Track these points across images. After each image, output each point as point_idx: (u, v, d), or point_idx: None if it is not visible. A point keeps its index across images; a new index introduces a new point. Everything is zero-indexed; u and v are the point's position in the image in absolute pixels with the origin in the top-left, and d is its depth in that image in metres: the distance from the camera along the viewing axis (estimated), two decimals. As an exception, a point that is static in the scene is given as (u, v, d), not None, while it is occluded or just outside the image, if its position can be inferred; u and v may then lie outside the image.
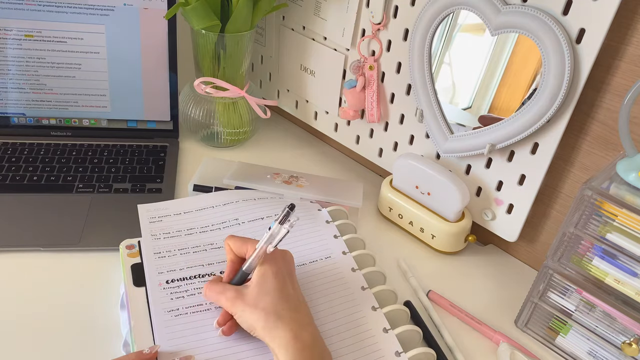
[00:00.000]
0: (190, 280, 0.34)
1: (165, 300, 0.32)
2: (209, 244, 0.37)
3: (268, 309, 0.28)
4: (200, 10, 0.45)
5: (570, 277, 0.33)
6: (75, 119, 0.51)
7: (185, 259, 0.35)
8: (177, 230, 0.38)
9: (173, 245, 0.36)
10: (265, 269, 0.30)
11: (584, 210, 0.31)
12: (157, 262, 0.35)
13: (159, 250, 0.36)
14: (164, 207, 0.40)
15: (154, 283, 0.33)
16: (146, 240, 0.37)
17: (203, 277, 0.34)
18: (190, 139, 0.54)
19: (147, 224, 0.38)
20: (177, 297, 0.33)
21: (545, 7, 0.33)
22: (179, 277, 0.34)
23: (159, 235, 0.37)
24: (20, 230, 0.39)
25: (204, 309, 0.32)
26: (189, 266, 0.35)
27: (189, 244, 0.37)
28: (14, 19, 0.46)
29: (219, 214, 0.39)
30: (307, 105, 0.54)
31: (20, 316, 0.34)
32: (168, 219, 0.39)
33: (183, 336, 0.30)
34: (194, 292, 0.33)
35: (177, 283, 0.33)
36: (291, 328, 0.27)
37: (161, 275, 0.34)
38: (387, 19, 0.43)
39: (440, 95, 0.41)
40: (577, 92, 0.34)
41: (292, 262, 0.32)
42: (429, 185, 0.42)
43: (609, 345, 0.32)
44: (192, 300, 0.32)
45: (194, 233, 0.38)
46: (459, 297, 0.39)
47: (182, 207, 0.40)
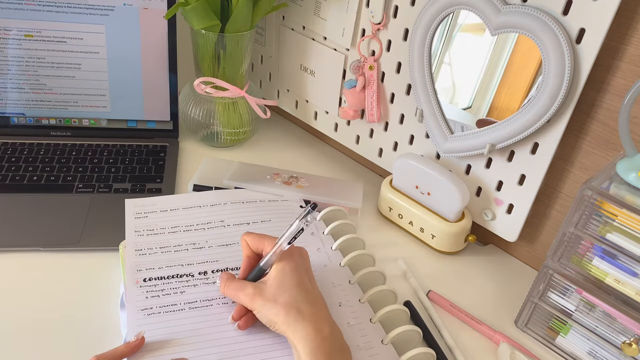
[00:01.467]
0: (167, 279, 0.34)
1: (140, 298, 0.32)
2: (192, 244, 0.37)
3: (288, 304, 0.29)
4: (200, 10, 0.45)
5: (570, 277, 0.33)
6: (75, 119, 0.51)
7: (166, 257, 0.35)
8: (161, 228, 0.38)
9: (155, 242, 0.36)
10: (283, 265, 0.30)
11: (584, 210, 0.31)
12: (137, 260, 0.35)
13: (140, 247, 0.36)
14: (151, 202, 0.40)
15: (131, 280, 0.33)
16: (129, 236, 0.37)
17: (181, 277, 0.34)
18: (190, 139, 0.54)
19: (132, 220, 0.38)
20: (153, 295, 0.33)
21: (545, 7, 0.33)
22: (157, 275, 0.34)
23: (142, 232, 0.37)
24: (20, 230, 0.39)
25: (178, 309, 0.32)
26: (168, 265, 0.35)
27: (171, 243, 0.37)
28: (14, 19, 0.46)
29: (205, 215, 0.39)
30: (307, 105, 0.54)
31: (20, 316, 0.34)
32: (154, 215, 0.39)
33: (154, 335, 0.30)
34: (170, 291, 0.33)
35: (154, 282, 0.33)
36: (311, 321, 0.28)
37: (139, 272, 0.34)
38: (387, 18, 0.43)
39: (440, 95, 0.41)
40: (577, 92, 0.34)
41: (308, 258, 0.33)
42: (429, 185, 0.42)
43: (609, 345, 0.32)
44: (166, 299, 0.32)
45: (178, 232, 0.38)
46: (458, 297, 0.39)
47: (169, 204, 0.40)
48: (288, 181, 0.46)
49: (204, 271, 0.35)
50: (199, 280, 0.34)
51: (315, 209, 0.30)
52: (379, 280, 0.37)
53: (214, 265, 0.35)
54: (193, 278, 0.34)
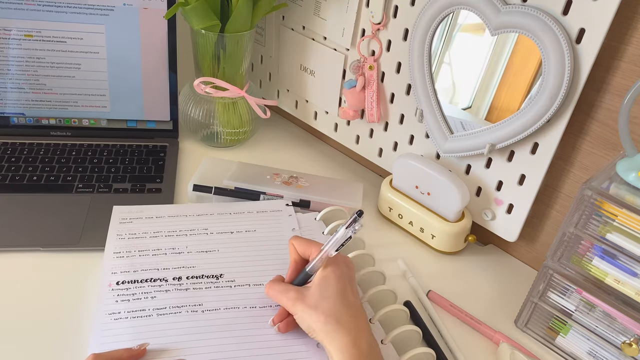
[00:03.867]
0: (140, 283, 0.33)
1: (110, 302, 0.32)
2: (171, 248, 0.36)
3: (328, 312, 0.28)
4: (200, 10, 0.45)
5: (570, 277, 0.33)
6: (75, 119, 0.51)
7: (142, 260, 0.35)
8: (143, 232, 0.37)
9: (134, 246, 0.36)
10: (328, 272, 0.30)
11: (583, 210, 0.31)
12: (113, 262, 0.35)
13: (118, 250, 0.36)
14: (138, 210, 0.40)
15: (104, 283, 0.33)
16: (110, 240, 0.37)
17: (154, 281, 0.34)
18: (190, 139, 0.54)
19: (117, 224, 0.38)
20: (123, 299, 0.32)
21: (545, 7, 0.33)
22: (130, 279, 0.34)
23: (123, 235, 0.37)
24: (20, 231, 0.39)
25: (146, 315, 0.31)
26: (144, 269, 0.34)
27: (150, 247, 0.36)
28: (14, 19, 0.46)
29: (189, 223, 0.39)
30: (307, 105, 0.54)
31: (20, 317, 0.34)
32: (139, 221, 0.39)
33: (117, 341, 0.30)
34: (141, 296, 0.32)
35: (126, 285, 0.33)
36: (350, 333, 0.28)
37: (114, 275, 0.34)
38: (387, 18, 0.43)
39: (440, 95, 0.41)
40: (577, 92, 0.34)
41: (354, 269, 0.33)
42: (429, 185, 0.42)
43: (609, 346, 0.32)
44: (136, 304, 0.32)
45: (159, 236, 0.37)
46: (458, 297, 0.38)
47: (156, 212, 0.40)
48: (288, 181, 0.46)
49: (178, 276, 0.34)
50: (172, 286, 0.33)
51: (362, 216, 0.30)
52: (378, 280, 0.37)
53: (189, 271, 0.35)
54: (166, 283, 0.34)
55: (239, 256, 0.36)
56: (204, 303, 0.32)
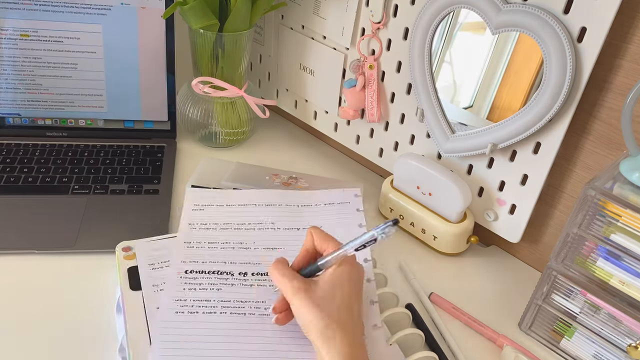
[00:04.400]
0: (207, 274, 0.34)
1: (179, 289, 0.33)
2: (239, 243, 0.37)
3: (331, 315, 0.27)
4: (198, 10, 0.44)
5: (575, 278, 0.32)
6: (72, 119, 0.51)
7: (211, 252, 0.36)
8: (214, 223, 0.38)
9: (205, 237, 0.37)
10: (341, 272, 0.29)
11: (587, 211, 0.31)
12: (185, 252, 0.36)
13: (189, 240, 0.37)
14: (211, 195, 0.41)
15: (174, 271, 0.34)
16: (183, 229, 0.37)
17: (221, 274, 0.35)
18: (188, 139, 0.53)
19: (189, 212, 0.39)
20: (190, 288, 0.33)
21: (546, 5, 0.33)
22: (199, 269, 0.34)
23: (195, 225, 0.38)
24: (15, 233, 0.39)
25: (210, 306, 0.32)
26: (212, 261, 0.35)
27: (220, 239, 0.37)
28: (10, 19, 0.46)
29: (258, 214, 0.40)
30: (306, 105, 0.54)
31: (15, 321, 0.33)
32: (210, 209, 0.39)
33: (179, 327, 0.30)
34: (207, 286, 0.33)
35: (194, 275, 0.34)
36: (349, 343, 0.27)
37: (184, 264, 0.35)
38: (387, 17, 0.42)
39: (441, 94, 0.41)
40: (579, 91, 0.34)
41: (363, 278, 0.31)
42: (430, 186, 0.42)
43: (615, 348, 0.32)
44: (202, 294, 0.33)
45: (229, 229, 0.38)
46: (461, 299, 0.38)
47: (227, 200, 0.41)
48: (287, 182, 0.45)
49: (244, 272, 0.35)
50: (238, 281, 0.34)
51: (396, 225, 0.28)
52: (380, 283, 0.36)
53: (255, 267, 0.35)
54: (232, 277, 0.34)
55: None
56: (267, 301, 0.33)
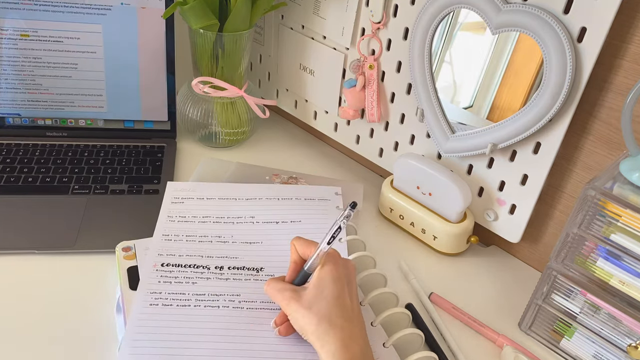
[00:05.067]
0: (183, 268, 0.34)
1: (153, 282, 0.33)
2: (217, 236, 0.37)
3: (321, 314, 0.28)
4: (198, 10, 0.44)
5: (574, 278, 0.32)
6: (72, 119, 0.51)
7: (188, 246, 0.36)
8: (192, 216, 0.38)
9: (183, 230, 0.37)
10: (325, 273, 0.30)
11: (587, 211, 0.31)
12: (162, 244, 0.36)
13: (167, 233, 0.37)
14: (191, 188, 0.41)
15: (149, 263, 0.34)
16: (161, 221, 0.37)
17: (197, 267, 0.34)
18: (188, 139, 0.53)
19: (168, 204, 0.39)
20: (165, 281, 0.33)
21: (546, 5, 0.33)
22: (175, 262, 0.34)
23: (174, 217, 0.38)
24: (15, 233, 0.39)
25: (185, 299, 0.32)
26: (189, 254, 0.35)
27: (198, 232, 0.37)
28: (10, 19, 0.46)
29: (237, 208, 0.40)
30: (306, 105, 0.54)
31: (15, 321, 0.33)
32: (190, 202, 0.39)
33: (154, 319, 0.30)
34: (182, 280, 0.33)
35: (170, 268, 0.34)
36: (342, 338, 0.27)
37: (160, 257, 0.35)
38: (387, 17, 0.42)
39: (441, 94, 0.41)
40: (579, 91, 0.34)
41: (354, 271, 0.32)
42: (431, 186, 0.42)
43: (615, 348, 0.32)
44: (177, 287, 0.33)
45: (207, 222, 0.38)
46: (461, 299, 0.38)
47: (207, 192, 0.40)
48: (287, 182, 0.45)
49: (220, 266, 0.35)
50: (213, 274, 0.34)
51: (355, 208, 0.29)
52: (380, 283, 0.36)
53: (232, 261, 0.35)
54: (208, 271, 0.34)
55: (281, 250, 0.36)
56: (242, 294, 0.33)
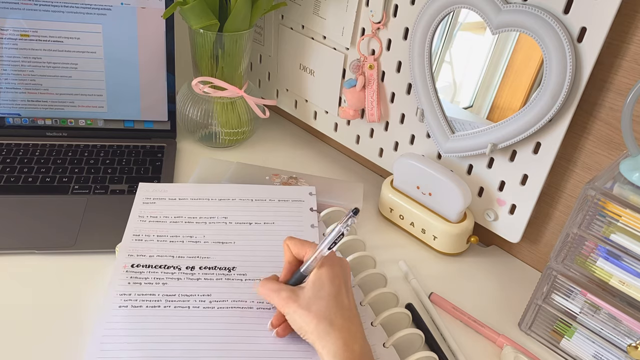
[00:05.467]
0: (154, 268, 0.34)
1: (123, 283, 0.32)
2: (188, 236, 0.37)
3: (321, 314, 0.28)
4: (198, 9, 0.44)
5: (574, 278, 0.32)
6: (71, 119, 0.51)
7: (159, 246, 0.35)
8: (164, 216, 0.38)
9: (154, 230, 0.36)
10: (322, 273, 0.30)
11: (587, 211, 0.31)
12: (132, 245, 0.35)
13: (138, 233, 0.36)
14: (163, 189, 0.40)
15: (119, 264, 0.34)
16: (131, 221, 0.37)
17: (168, 268, 0.34)
18: (188, 139, 0.53)
19: (140, 205, 0.39)
20: (135, 282, 0.33)
21: (546, 5, 0.33)
22: (145, 263, 0.34)
23: (145, 217, 0.37)
24: (15, 233, 0.39)
25: (154, 300, 0.32)
26: (159, 254, 0.35)
27: (169, 232, 0.37)
28: (10, 19, 0.46)
29: (210, 208, 0.39)
30: (306, 105, 0.54)
31: (15, 320, 0.33)
32: (162, 202, 0.39)
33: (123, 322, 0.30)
34: (152, 281, 0.33)
35: (140, 269, 0.34)
36: (343, 336, 0.27)
37: (130, 257, 0.34)
38: (386, 17, 0.42)
39: (441, 94, 0.41)
40: (579, 91, 0.34)
41: (349, 271, 0.32)
42: (430, 186, 0.42)
43: (615, 348, 0.32)
44: (147, 288, 0.32)
45: (179, 222, 0.38)
46: (461, 299, 0.38)
47: (179, 193, 0.40)
48: (287, 182, 0.45)
49: (191, 266, 0.34)
50: (184, 275, 0.34)
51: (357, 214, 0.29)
52: (380, 283, 0.36)
53: (203, 261, 0.35)
54: (179, 271, 0.34)
55: (254, 250, 0.36)
56: (213, 294, 0.33)
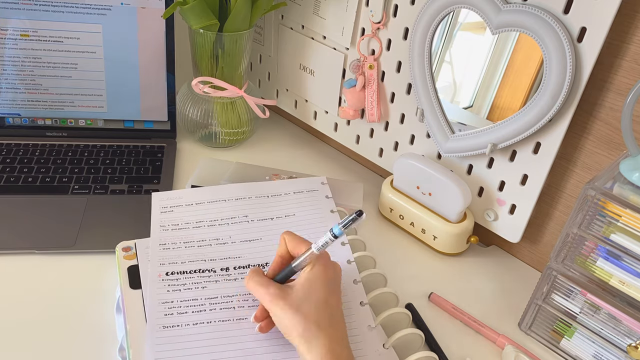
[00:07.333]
0: (189, 274, 0.34)
1: (162, 291, 0.33)
2: (215, 239, 0.37)
3: (309, 317, 0.28)
4: (198, 9, 0.44)
5: (574, 278, 0.32)
6: (71, 119, 0.51)
7: (189, 252, 0.36)
8: (185, 223, 0.38)
9: (179, 237, 0.37)
10: (314, 274, 0.29)
11: (587, 211, 0.31)
12: (161, 254, 0.35)
13: (164, 242, 0.36)
14: (177, 196, 0.40)
15: (154, 274, 0.34)
16: (154, 231, 0.37)
17: (203, 272, 0.34)
18: (188, 139, 0.53)
19: (158, 215, 0.39)
20: (174, 289, 0.33)
21: (546, 5, 0.33)
22: (179, 270, 0.34)
23: (167, 226, 0.38)
24: (15, 233, 0.39)
25: (199, 304, 0.32)
26: (191, 260, 0.35)
27: (195, 237, 0.37)
28: (10, 19, 0.46)
29: (229, 209, 0.39)
30: (306, 105, 0.54)
31: (15, 321, 0.33)
32: (179, 209, 0.39)
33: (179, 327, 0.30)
34: (191, 286, 0.33)
35: (176, 276, 0.34)
36: (330, 342, 0.27)
37: (162, 266, 0.34)
38: (386, 17, 0.42)
39: (441, 94, 0.41)
40: (579, 91, 0.34)
41: (340, 276, 0.32)
42: (430, 186, 0.42)
43: (615, 348, 0.32)
44: (188, 294, 0.33)
45: (202, 226, 0.38)
46: (461, 299, 0.38)
47: (195, 198, 0.40)
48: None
49: (225, 267, 0.35)
50: (221, 277, 0.34)
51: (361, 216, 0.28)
52: (380, 283, 0.36)
53: (236, 261, 0.35)
54: (215, 274, 0.34)
55: None
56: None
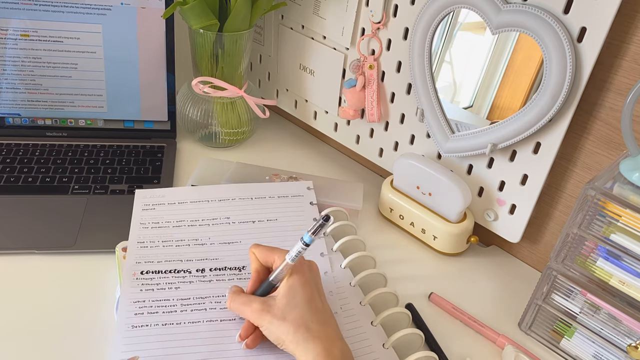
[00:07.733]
0: (164, 274, 0.34)
1: (135, 290, 0.32)
2: (194, 239, 0.37)
3: (297, 322, 0.28)
4: (198, 9, 0.44)
5: (574, 278, 0.32)
6: (71, 119, 0.51)
7: (166, 251, 0.35)
8: (166, 221, 0.38)
9: (158, 236, 0.36)
10: (293, 280, 0.29)
11: (587, 211, 0.31)
12: (138, 252, 0.35)
13: (142, 240, 0.36)
14: (160, 194, 0.40)
15: (128, 272, 0.33)
16: (134, 228, 0.37)
17: (178, 272, 0.34)
18: (188, 139, 0.53)
19: (140, 212, 0.38)
20: (147, 289, 0.33)
21: (546, 5, 0.33)
22: (154, 269, 0.34)
23: (147, 224, 0.37)
24: (15, 233, 0.39)
25: (170, 305, 0.32)
26: (167, 259, 0.35)
27: (174, 237, 0.37)
28: (10, 19, 0.46)
29: (211, 210, 0.39)
30: (306, 105, 0.54)
31: (15, 320, 0.33)
32: (161, 207, 0.39)
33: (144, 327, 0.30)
34: (165, 286, 0.33)
35: (150, 275, 0.34)
36: (322, 341, 0.27)
37: (138, 265, 0.34)
38: (386, 17, 0.42)
39: (441, 94, 0.41)
40: (579, 91, 0.34)
41: (319, 273, 0.32)
42: (430, 186, 0.42)
43: (615, 348, 0.32)
44: (160, 294, 0.32)
45: (182, 226, 0.38)
46: (461, 299, 0.38)
47: (178, 197, 0.40)
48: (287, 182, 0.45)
49: (201, 268, 0.34)
50: (196, 278, 0.34)
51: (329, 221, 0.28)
52: (380, 283, 0.36)
53: (213, 263, 0.35)
54: (190, 275, 0.34)
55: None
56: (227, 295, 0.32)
